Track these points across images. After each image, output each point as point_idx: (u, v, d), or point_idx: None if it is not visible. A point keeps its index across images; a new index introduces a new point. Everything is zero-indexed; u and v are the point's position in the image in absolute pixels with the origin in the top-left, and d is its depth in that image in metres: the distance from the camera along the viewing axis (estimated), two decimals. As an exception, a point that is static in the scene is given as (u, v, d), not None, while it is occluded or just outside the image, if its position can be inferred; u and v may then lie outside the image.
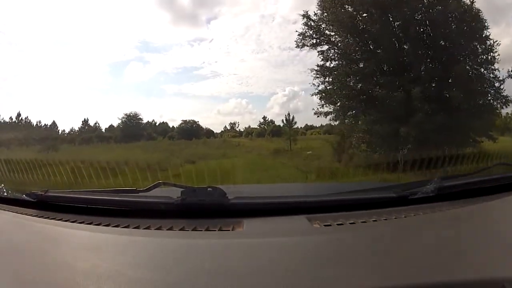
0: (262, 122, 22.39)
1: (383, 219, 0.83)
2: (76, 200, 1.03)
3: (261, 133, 21.74)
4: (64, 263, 0.65)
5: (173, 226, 0.82)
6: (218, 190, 0.91)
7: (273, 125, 21.61)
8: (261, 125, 22.43)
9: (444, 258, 0.60)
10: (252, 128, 22.59)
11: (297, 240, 0.73)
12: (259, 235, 0.78)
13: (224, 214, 0.89)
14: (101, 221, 0.86)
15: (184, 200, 0.88)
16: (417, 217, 0.85)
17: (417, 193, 0.93)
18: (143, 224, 0.83)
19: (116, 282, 0.57)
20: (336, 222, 0.81)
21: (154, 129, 21.69)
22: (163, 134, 20.83)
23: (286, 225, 0.84)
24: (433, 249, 0.65)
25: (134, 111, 19.98)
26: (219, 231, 0.79)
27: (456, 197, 0.96)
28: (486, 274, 0.55)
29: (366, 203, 0.94)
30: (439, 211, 0.88)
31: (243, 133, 22.60)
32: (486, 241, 0.68)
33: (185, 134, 19.88)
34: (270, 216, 0.87)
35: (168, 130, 21.66)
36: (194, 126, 21.53)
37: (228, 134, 22.15)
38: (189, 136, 19.29)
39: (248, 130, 22.64)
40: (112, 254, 0.71)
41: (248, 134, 22.02)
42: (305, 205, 0.95)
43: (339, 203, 0.97)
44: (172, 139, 19.63)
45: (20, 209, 1.03)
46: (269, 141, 19.00)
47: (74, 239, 0.78)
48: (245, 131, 22.65)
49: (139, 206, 0.96)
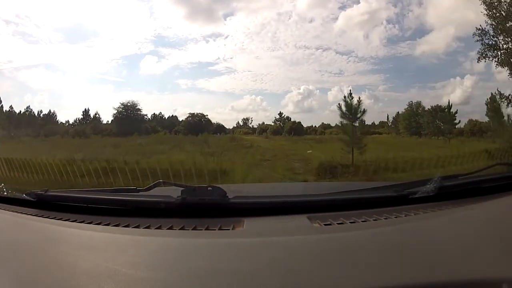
0: (277, 119, 20.80)
1: (384, 218, 0.83)
2: (76, 200, 1.02)
3: (277, 130, 20.06)
4: (64, 262, 0.65)
5: (173, 225, 0.82)
6: (218, 189, 0.91)
7: (292, 122, 19.89)
8: (277, 121, 20.82)
9: (444, 258, 0.60)
10: (266, 125, 21.06)
11: (298, 239, 0.73)
12: (260, 235, 0.78)
13: (225, 213, 0.89)
14: (101, 221, 0.86)
15: (184, 199, 0.88)
16: (417, 216, 0.85)
17: (417, 192, 0.93)
18: (143, 224, 0.83)
19: (116, 282, 0.56)
20: (336, 222, 0.81)
21: (161, 122, 20.58)
22: (170, 128, 19.74)
23: (287, 225, 0.84)
24: (433, 249, 0.65)
25: (132, 100, 18.50)
26: (219, 230, 0.79)
27: (456, 196, 0.96)
28: (486, 274, 0.55)
29: (367, 202, 0.94)
30: (439, 211, 0.88)
31: (257, 129, 21.20)
32: (486, 241, 0.68)
33: (192, 129, 18.19)
34: (270, 215, 0.87)
35: (176, 124, 20.44)
36: (202, 120, 19.95)
37: (240, 130, 20.80)
38: (196, 131, 17.59)
39: (262, 126, 21.09)
40: (112, 253, 0.71)
41: (263, 131, 20.57)
42: (305, 205, 0.95)
43: (339, 202, 0.97)
44: (178, 133, 18.45)
45: (20, 209, 1.03)
46: (291, 141, 15.36)
47: (74, 239, 0.78)
48: (259, 128, 21.14)
49: (139, 205, 0.96)
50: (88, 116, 19.17)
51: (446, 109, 16.20)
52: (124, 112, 18.38)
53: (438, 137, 16.44)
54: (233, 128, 20.98)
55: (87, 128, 17.70)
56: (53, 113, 18.45)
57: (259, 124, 21.48)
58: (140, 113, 19.07)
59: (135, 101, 18.62)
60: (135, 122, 18.26)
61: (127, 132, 16.47)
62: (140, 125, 18.46)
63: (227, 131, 20.34)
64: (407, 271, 0.57)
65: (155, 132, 18.19)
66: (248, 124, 21.53)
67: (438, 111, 17.05)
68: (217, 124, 20.38)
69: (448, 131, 15.64)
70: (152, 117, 20.43)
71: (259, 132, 20.65)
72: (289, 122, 20.21)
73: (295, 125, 19.66)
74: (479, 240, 0.68)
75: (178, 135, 17.90)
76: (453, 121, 15.74)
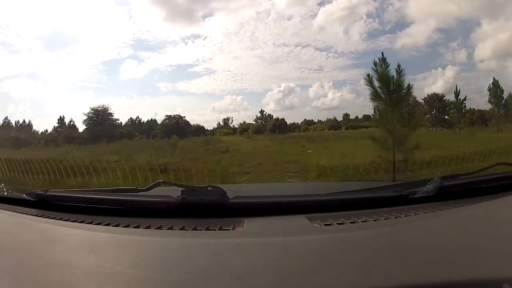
0: (259, 117, 20.36)
1: (383, 218, 0.83)
2: (76, 200, 1.03)
3: (259, 129, 19.30)
4: (64, 262, 0.65)
5: (173, 225, 0.82)
6: (218, 189, 0.91)
7: (275, 119, 19.15)
8: (258, 120, 20.36)
9: (444, 258, 0.60)
10: (248, 124, 20.61)
11: (298, 240, 0.73)
12: (260, 235, 0.78)
13: (225, 213, 0.89)
14: (101, 221, 0.86)
15: (184, 199, 0.88)
16: (417, 216, 0.85)
17: (417, 192, 0.93)
18: (143, 224, 0.83)
19: (116, 282, 0.56)
20: (336, 222, 0.81)
21: (139, 127, 19.75)
22: (148, 132, 18.82)
23: (287, 225, 0.84)
24: (433, 249, 0.65)
25: (103, 105, 17.28)
26: (219, 230, 0.79)
27: (456, 196, 0.96)
28: (486, 274, 0.55)
29: (367, 202, 0.94)
30: (439, 211, 0.88)
31: (238, 129, 20.60)
32: (486, 241, 0.68)
33: (169, 132, 17.03)
34: (270, 215, 0.87)
35: (154, 128, 19.52)
36: (180, 122, 19.02)
37: (221, 131, 20.16)
38: (174, 133, 16.29)
39: (243, 126, 20.58)
40: (112, 253, 0.71)
41: (244, 130, 19.96)
42: (305, 205, 0.95)
43: (339, 202, 0.97)
44: (155, 137, 17.43)
45: (20, 209, 1.03)
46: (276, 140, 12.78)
47: (74, 239, 0.78)
48: (240, 127, 20.61)
49: (139, 205, 0.96)
50: (64, 124, 18.40)
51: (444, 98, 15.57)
52: (95, 117, 17.33)
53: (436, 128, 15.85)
54: (214, 129, 20.52)
55: (59, 137, 16.86)
56: (29, 123, 17.92)
57: (240, 123, 21.09)
58: (112, 117, 17.96)
59: (105, 105, 17.59)
60: (106, 128, 17.16)
61: (98, 139, 15.38)
62: (112, 130, 17.34)
63: (207, 132, 19.83)
64: (407, 271, 0.57)
65: (130, 138, 17.31)
66: (229, 124, 21.16)
67: (436, 100, 16.69)
68: (197, 125, 19.85)
69: (457, 121, 14.36)
70: (129, 121, 19.68)
71: (240, 132, 20.22)
72: (272, 120, 19.79)
73: (279, 122, 19.10)
74: (479, 240, 0.68)
75: (156, 139, 16.97)
76: (462, 109, 14.46)
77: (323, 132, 18.69)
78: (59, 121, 18.41)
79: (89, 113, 17.14)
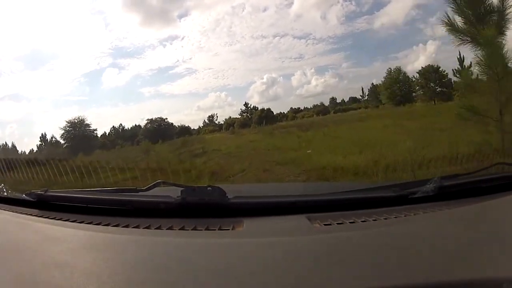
0: (244, 110, 19.93)
1: (383, 218, 0.83)
2: (76, 200, 1.03)
3: (245, 122, 18.73)
4: (64, 263, 0.65)
5: (173, 225, 0.82)
6: (218, 189, 0.91)
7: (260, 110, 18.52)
8: (243, 113, 19.94)
9: (444, 258, 0.60)
10: (233, 119, 20.22)
11: (297, 240, 0.73)
12: (259, 235, 0.78)
13: (224, 213, 0.89)
14: (101, 221, 0.86)
15: (184, 199, 0.89)
16: (417, 216, 0.85)
17: (417, 192, 0.93)
18: (143, 224, 0.83)
19: (115, 282, 0.56)
20: (336, 222, 0.81)
21: (122, 134, 19.08)
22: (133, 139, 17.99)
23: (286, 225, 0.84)
24: (433, 249, 0.65)
25: (79, 116, 16.75)
26: (219, 230, 0.79)
27: (455, 196, 0.96)
28: (486, 274, 0.55)
29: (366, 202, 0.94)
30: (438, 211, 0.88)
31: (223, 125, 20.13)
32: (486, 241, 0.68)
33: (152, 136, 16.36)
34: (270, 215, 0.87)
35: (138, 134, 18.86)
36: (162, 124, 18.34)
37: (206, 129, 19.70)
38: (157, 137, 15.57)
39: (228, 121, 20.17)
40: (112, 253, 0.71)
41: (229, 126, 19.38)
42: (305, 205, 0.95)
43: (339, 202, 0.97)
44: (139, 143, 16.55)
45: (20, 209, 1.03)
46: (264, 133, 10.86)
47: (74, 239, 0.78)
48: (225, 123, 20.15)
49: (139, 205, 0.96)
50: (46, 141, 17.78)
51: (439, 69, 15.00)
52: (72, 130, 16.82)
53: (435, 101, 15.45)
54: (199, 128, 20.25)
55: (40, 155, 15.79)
56: (13, 144, 17.37)
57: (226, 119, 20.80)
58: (89, 128, 17.36)
59: (81, 117, 17.01)
60: (84, 139, 16.48)
61: (75, 152, 14.68)
62: (90, 142, 16.67)
63: (193, 132, 19.51)
64: (407, 271, 0.57)
65: (114, 147, 16.57)
66: (214, 121, 20.88)
67: (431, 72, 16.26)
68: (181, 126, 19.33)
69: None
70: (112, 130, 19.19)
71: (225, 128, 19.79)
72: (258, 111, 19.39)
73: (265, 113, 18.63)
74: (479, 240, 0.68)
75: (140, 145, 16.03)
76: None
77: (314, 118, 18.31)
78: (41, 138, 17.97)
79: (65, 127, 16.59)
